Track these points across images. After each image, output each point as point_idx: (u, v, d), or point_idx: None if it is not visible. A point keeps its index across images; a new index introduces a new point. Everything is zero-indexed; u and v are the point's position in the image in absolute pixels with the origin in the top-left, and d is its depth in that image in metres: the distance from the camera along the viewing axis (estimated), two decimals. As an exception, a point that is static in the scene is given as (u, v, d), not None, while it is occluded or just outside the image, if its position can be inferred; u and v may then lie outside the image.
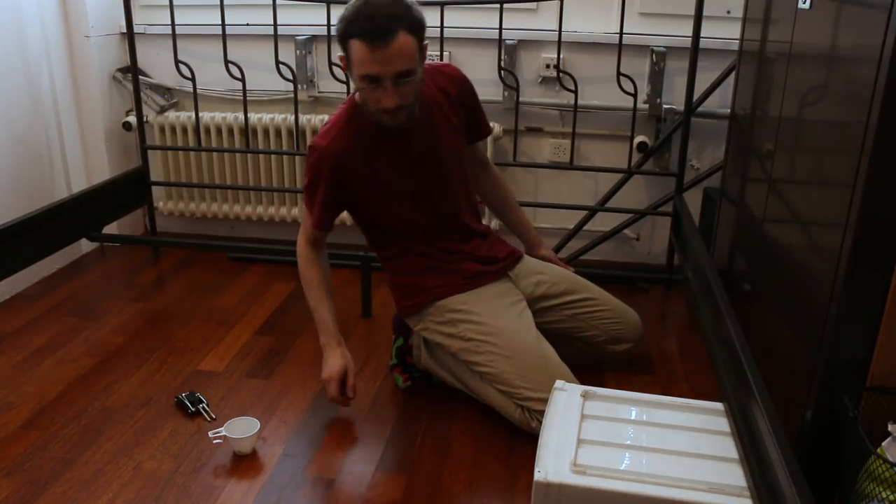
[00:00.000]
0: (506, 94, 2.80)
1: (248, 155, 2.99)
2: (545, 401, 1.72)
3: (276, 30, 2.68)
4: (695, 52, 2.46)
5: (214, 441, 1.81)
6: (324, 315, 1.95)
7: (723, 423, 1.62)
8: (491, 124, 2.77)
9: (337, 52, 1.78)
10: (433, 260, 1.95)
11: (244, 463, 1.76)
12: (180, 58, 2.77)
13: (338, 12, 2.72)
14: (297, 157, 2.96)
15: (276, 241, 3.14)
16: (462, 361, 1.91)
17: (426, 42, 1.76)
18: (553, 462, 1.48)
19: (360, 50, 1.66)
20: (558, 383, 1.75)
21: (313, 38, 2.90)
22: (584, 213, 2.86)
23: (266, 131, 2.93)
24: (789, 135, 1.73)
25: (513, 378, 1.81)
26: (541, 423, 1.67)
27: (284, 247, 2.95)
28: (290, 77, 2.75)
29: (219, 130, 2.98)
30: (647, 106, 2.72)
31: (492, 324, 1.86)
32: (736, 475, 1.46)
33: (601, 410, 1.67)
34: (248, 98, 2.83)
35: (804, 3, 1.64)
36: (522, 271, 2.06)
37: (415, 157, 1.89)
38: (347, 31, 1.68)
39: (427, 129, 1.90)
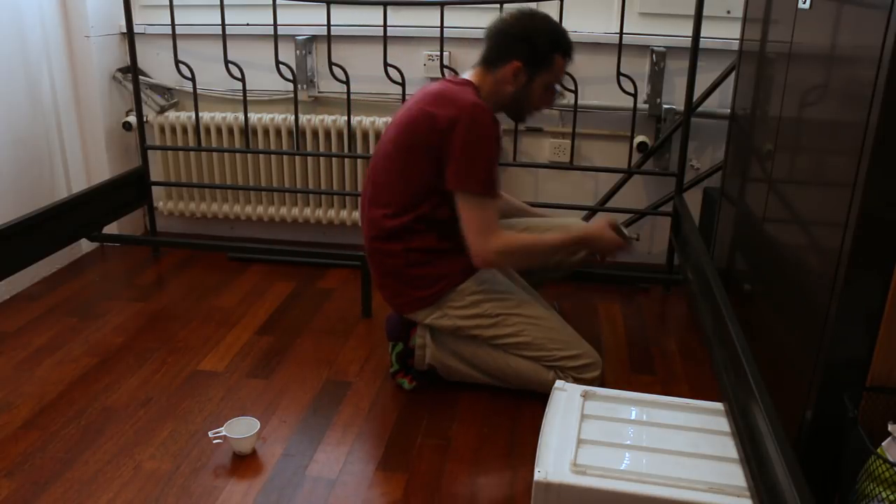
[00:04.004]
0: (506, 94, 2.80)
1: (248, 155, 2.99)
2: (576, 356, 1.93)
3: (276, 30, 2.68)
4: (695, 52, 2.46)
5: (214, 441, 1.81)
6: (552, 237, 2.01)
7: (723, 423, 1.62)
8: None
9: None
10: (443, 249, 1.96)
11: (244, 463, 1.76)
12: (180, 58, 2.77)
13: (338, 12, 2.77)
14: (296, 158, 2.96)
15: (276, 241, 3.15)
16: (487, 338, 1.97)
17: None
18: (553, 462, 1.48)
19: (562, 64, 1.96)
20: (558, 383, 1.76)
21: (313, 38, 2.90)
22: (584, 213, 2.86)
23: (266, 131, 2.94)
24: (789, 135, 1.73)
25: (545, 342, 1.94)
26: (574, 379, 1.91)
27: (284, 247, 2.97)
28: (290, 77, 2.75)
29: (219, 130, 2.98)
30: (647, 106, 2.72)
31: (513, 297, 1.98)
32: (736, 475, 1.46)
33: (601, 410, 1.67)
34: (248, 98, 2.83)
35: (804, 3, 1.65)
36: None
37: None
38: (557, 47, 1.92)
39: None
